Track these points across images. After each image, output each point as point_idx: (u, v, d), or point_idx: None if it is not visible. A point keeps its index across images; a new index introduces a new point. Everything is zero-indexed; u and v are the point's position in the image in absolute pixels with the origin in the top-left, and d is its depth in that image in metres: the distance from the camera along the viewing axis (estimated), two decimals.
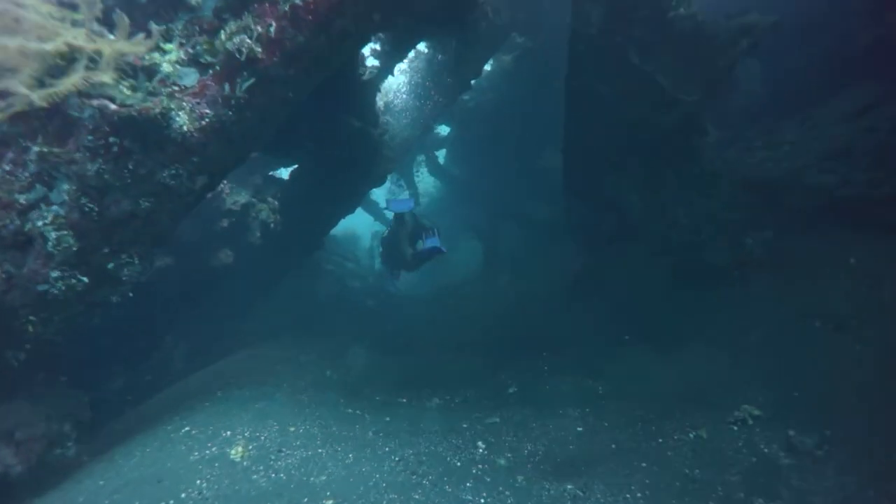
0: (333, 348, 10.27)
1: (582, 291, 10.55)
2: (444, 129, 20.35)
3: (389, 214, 14.49)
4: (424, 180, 21.08)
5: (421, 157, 19.78)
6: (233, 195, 9.59)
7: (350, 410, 7.32)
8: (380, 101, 14.41)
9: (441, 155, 20.68)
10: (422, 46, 14.25)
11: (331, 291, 17.71)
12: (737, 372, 6.94)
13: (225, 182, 9.20)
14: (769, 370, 6.73)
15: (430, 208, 21.63)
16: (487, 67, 18.15)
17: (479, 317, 12.85)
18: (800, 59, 11.04)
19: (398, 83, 14.51)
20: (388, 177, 21.01)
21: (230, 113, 5.64)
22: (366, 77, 11.14)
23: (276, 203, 10.99)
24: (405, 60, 15.80)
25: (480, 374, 8.70)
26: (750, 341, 7.28)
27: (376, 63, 11.32)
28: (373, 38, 11.21)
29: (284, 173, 13.24)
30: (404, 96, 14.28)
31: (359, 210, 19.81)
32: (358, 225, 21.40)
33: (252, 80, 5.60)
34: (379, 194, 19.85)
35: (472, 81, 14.54)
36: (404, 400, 7.92)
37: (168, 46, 5.32)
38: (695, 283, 8.46)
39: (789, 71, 11.29)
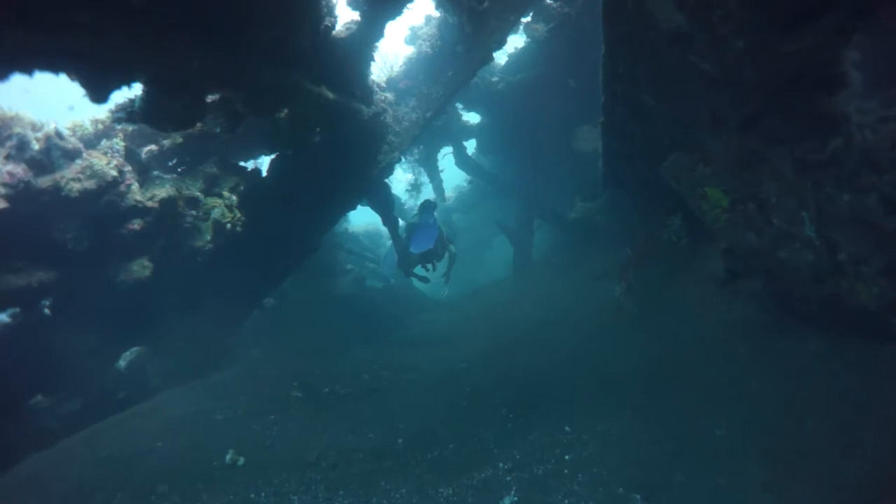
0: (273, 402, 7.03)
1: (627, 321, 6.89)
2: (474, 118, 16.75)
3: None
4: (453, 174, 17.59)
5: (448, 149, 16.27)
6: (149, 188, 6.51)
7: None
8: (380, 76, 11.04)
9: (471, 146, 17.10)
10: (432, 9, 10.77)
11: (348, 293, 14.64)
12: None
13: (128, 170, 6.15)
14: None
15: (458, 203, 18.21)
16: (520, 43, 14.44)
17: (500, 340, 9.37)
18: None
19: (407, 56, 11.10)
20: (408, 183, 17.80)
21: None
22: (341, 34, 7.79)
23: (235, 198, 7.86)
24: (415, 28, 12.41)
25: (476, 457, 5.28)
26: None
27: (355, 16, 7.93)
28: None
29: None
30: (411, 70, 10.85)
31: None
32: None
33: None
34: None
35: (495, 53, 10.91)
36: None
37: None
38: (814, 327, 4.72)
39: None
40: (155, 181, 6.69)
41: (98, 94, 4.43)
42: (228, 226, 7.65)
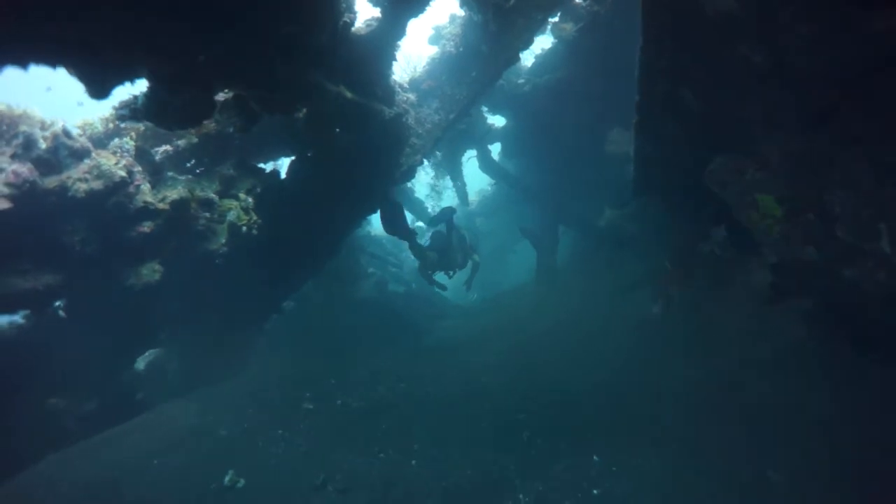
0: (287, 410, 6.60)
1: (666, 340, 6.23)
2: (499, 121, 16.20)
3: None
4: (476, 178, 17.06)
5: (472, 152, 15.75)
6: (160, 189, 6.16)
7: None
8: (403, 76, 10.59)
9: (495, 150, 16.54)
10: (457, 7, 10.27)
11: (369, 297, 14.23)
12: None
13: (138, 170, 5.79)
14: None
15: (481, 207, 17.64)
16: (547, 44, 13.83)
17: (524, 352, 8.78)
18: None
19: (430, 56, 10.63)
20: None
21: None
22: (361, 31, 7.36)
23: (251, 200, 7.48)
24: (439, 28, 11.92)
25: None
26: None
27: (376, 13, 7.48)
28: None
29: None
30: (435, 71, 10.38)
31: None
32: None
33: None
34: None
35: (521, 53, 10.34)
36: None
37: None
38: (881, 358, 4.05)
39: None
40: (167, 182, 6.34)
41: (97, 88, 4.05)
42: (244, 228, 7.27)
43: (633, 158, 7.41)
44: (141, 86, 4.47)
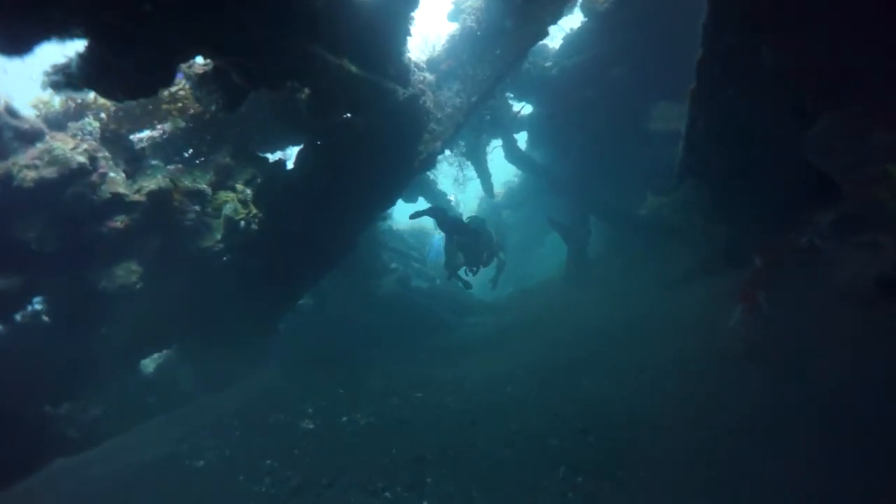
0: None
1: (744, 351, 4.92)
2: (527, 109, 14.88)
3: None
4: (502, 168, 15.79)
5: (497, 142, 14.50)
6: (138, 179, 5.21)
7: None
8: (420, 56, 9.44)
9: (522, 140, 15.23)
10: None
11: (391, 292, 13.20)
12: None
13: (103, 156, 4.82)
14: None
15: (508, 199, 16.35)
16: (575, 24, 12.45)
17: (555, 356, 7.59)
18: None
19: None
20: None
21: None
22: None
23: (249, 192, 6.50)
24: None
25: None
26: None
27: None
28: None
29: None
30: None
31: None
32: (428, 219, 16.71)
33: None
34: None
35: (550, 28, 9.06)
36: None
37: None
38: None
39: None
40: (147, 171, 5.40)
41: (14, 44, 3.07)
42: (242, 223, 6.29)
43: (684, 135, 6.11)
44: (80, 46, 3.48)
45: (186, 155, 6.79)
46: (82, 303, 5.17)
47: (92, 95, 4.81)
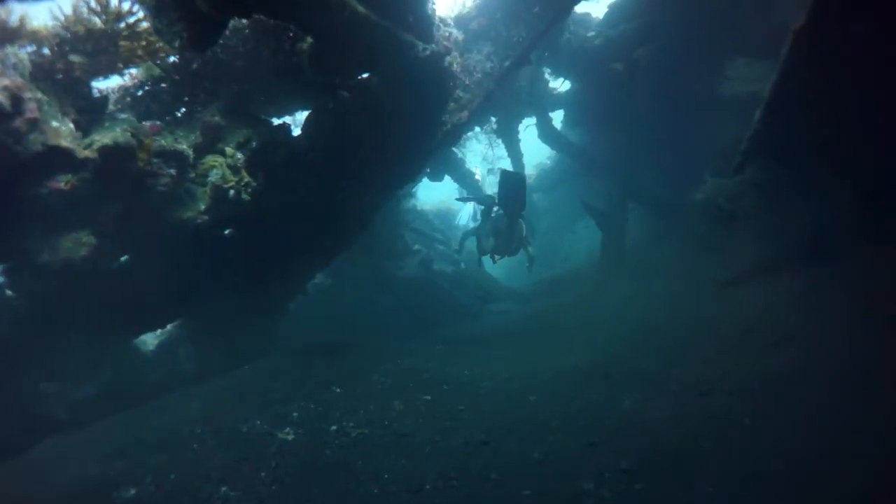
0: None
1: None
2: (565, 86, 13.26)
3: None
4: (535, 149, 14.27)
5: (531, 120, 13.00)
6: (93, 132, 4.14)
7: None
8: (447, 12, 8.08)
9: (557, 119, 13.66)
10: None
11: (413, 276, 12.08)
12: None
13: (32, 97, 3.74)
14: None
15: (540, 182, 14.84)
16: None
17: (589, 358, 6.29)
18: None
19: None
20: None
21: None
22: None
23: (241, 157, 5.39)
24: None
25: None
26: None
27: None
28: None
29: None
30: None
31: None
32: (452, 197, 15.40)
33: None
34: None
35: None
36: None
37: None
38: None
39: None
40: (105, 124, 4.34)
41: None
42: (231, 192, 5.21)
43: (766, 100, 4.63)
44: None
45: (179, 115, 5.73)
46: (33, 277, 4.21)
47: (20, 18, 3.75)
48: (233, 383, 5.56)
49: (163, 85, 5.12)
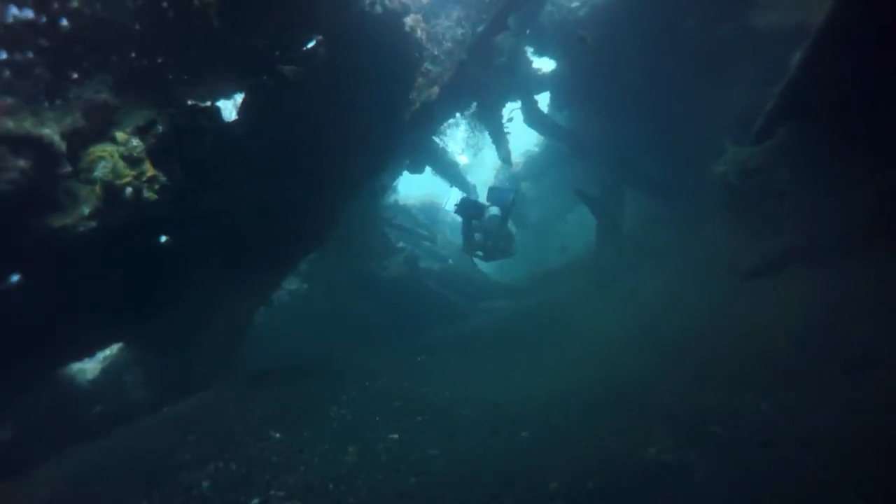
0: None
1: None
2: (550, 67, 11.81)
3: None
4: (521, 137, 12.81)
5: (515, 104, 11.56)
6: None
7: None
8: None
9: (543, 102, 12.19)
10: None
11: (397, 276, 10.69)
12: None
13: None
14: None
15: (527, 169, 13.35)
16: None
17: (595, 373, 4.94)
18: None
19: None
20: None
21: None
22: None
23: (139, 144, 3.99)
24: None
25: None
26: None
27: None
28: None
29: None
30: None
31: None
32: (439, 191, 13.96)
33: None
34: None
35: None
36: None
37: None
38: None
39: None
40: None
41: None
42: (128, 190, 3.81)
43: (817, 32, 3.24)
44: None
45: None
46: None
47: None
48: (152, 428, 4.20)
49: (29, 55, 3.75)
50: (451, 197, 13.42)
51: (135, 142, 3.88)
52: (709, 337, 4.24)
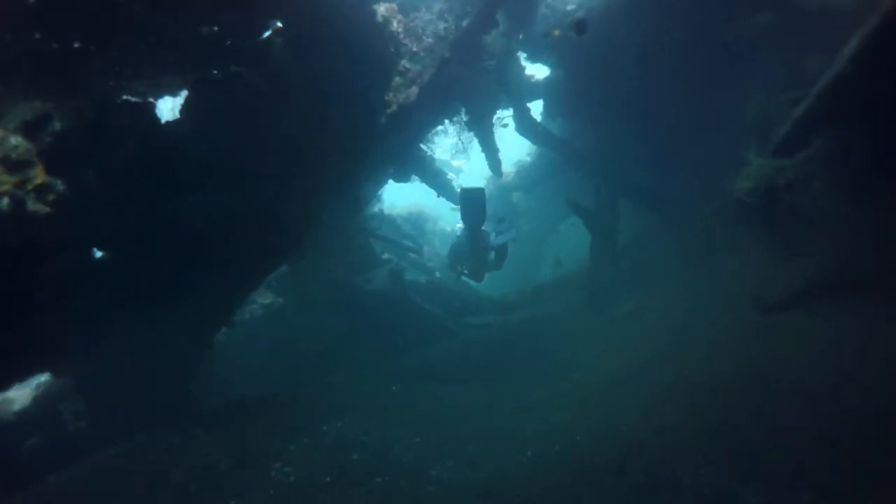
0: None
1: None
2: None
3: None
4: (513, 147, 11.91)
5: (507, 112, 10.71)
6: None
7: None
8: None
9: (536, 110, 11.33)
10: None
11: (381, 289, 9.74)
12: None
13: None
14: None
15: (519, 179, 12.42)
16: None
17: (577, 403, 4.02)
18: None
19: None
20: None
21: None
22: None
23: (25, 144, 3.08)
24: None
25: None
26: None
27: None
28: None
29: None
30: None
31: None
32: (427, 201, 12.99)
33: None
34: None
35: None
36: None
37: None
38: None
39: None
40: None
41: None
42: (6, 202, 2.90)
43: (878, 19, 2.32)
44: None
45: None
46: None
47: None
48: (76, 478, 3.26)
49: None
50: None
51: (13, 139, 2.97)
52: (735, 390, 3.33)
